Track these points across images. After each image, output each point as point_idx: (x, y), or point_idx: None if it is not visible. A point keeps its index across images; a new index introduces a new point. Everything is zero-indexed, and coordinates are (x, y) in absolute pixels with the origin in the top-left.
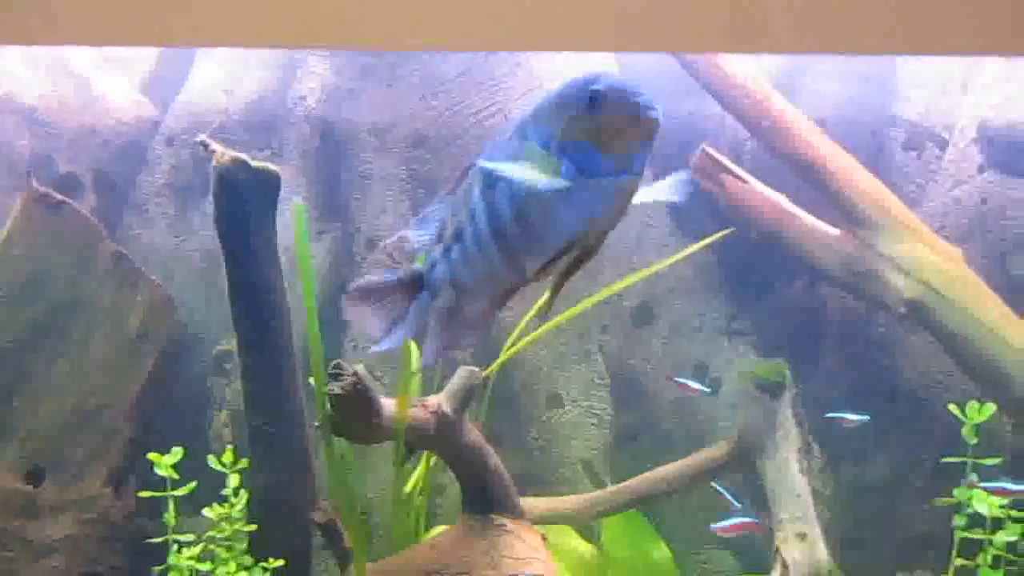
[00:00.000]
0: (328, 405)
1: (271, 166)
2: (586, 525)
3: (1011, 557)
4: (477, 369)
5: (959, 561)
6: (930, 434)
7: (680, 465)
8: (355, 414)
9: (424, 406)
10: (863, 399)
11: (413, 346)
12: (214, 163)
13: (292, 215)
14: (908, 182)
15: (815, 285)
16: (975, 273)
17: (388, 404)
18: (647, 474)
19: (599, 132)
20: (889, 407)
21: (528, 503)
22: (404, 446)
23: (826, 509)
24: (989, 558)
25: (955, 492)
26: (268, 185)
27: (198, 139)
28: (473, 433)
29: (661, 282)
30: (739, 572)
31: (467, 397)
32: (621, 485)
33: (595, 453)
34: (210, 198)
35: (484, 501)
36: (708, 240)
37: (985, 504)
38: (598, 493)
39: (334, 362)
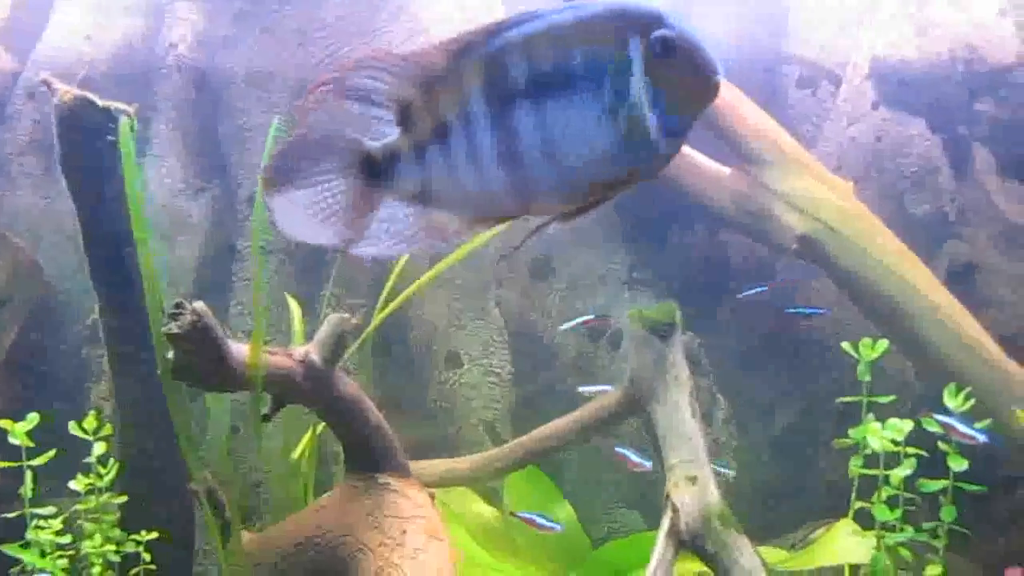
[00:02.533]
0: (170, 351)
1: (122, 105)
2: (489, 488)
3: (908, 495)
4: (348, 315)
5: (859, 504)
6: (836, 380)
7: (574, 416)
8: (197, 356)
9: (289, 355)
10: (767, 345)
11: (293, 303)
12: (55, 102)
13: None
14: (804, 121)
15: (715, 231)
16: (867, 207)
17: (240, 349)
18: (542, 428)
19: (671, 82)
20: (793, 353)
21: (424, 466)
22: (272, 400)
23: (733, 460)
24: (884, 496)
25: (851, 432)
26: (130, 136)
27: (40, 78)
28: (349, 386)
29: (558, 233)
30: (645, 531)
31: (338, 346)
32: (516, 441)
33: (497, 413)
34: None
35: (367, 460)
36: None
37: (878, 439)
38: (494, 451)
39: (175, 300)
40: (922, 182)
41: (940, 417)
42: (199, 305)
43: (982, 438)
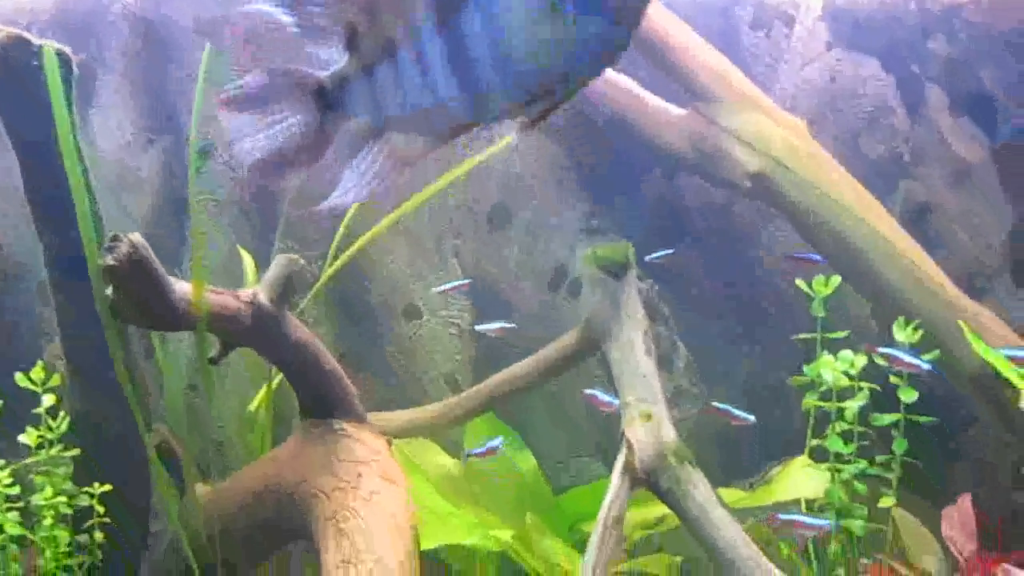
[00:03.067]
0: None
1: (60, 45)
2: (452, 442)
3: (861, 430)
4: (296, 256)
5: (815, 441)
6: (797, 325)
7: (532, 360)
8: (135, 290)
9: (236, 296)
10: (725, 291)
11: (246, 256)
12: None
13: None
14: (758, 63)
15: (672, 177)
16: (822, 147)
17: (182, 287)
18: (500, 373)
19: None
20: (751, 299)
21: (385, 417)
22: (220, 344)
23: (693, 406)
24: (838, 430)
25: (806, 369)
26: (57, 68)
27: None
28: (300, 330)
29: (515, 183)
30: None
31: (287, 287)
32: (475, 388)
33: (457, 364)
34: None
35: (322, 406)
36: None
37: (831, 370)
38: (454, 399)
39: (110, 233)
40: (877, 122)
41: (884, 349)
42: (135, 236)
43: (926, 366)
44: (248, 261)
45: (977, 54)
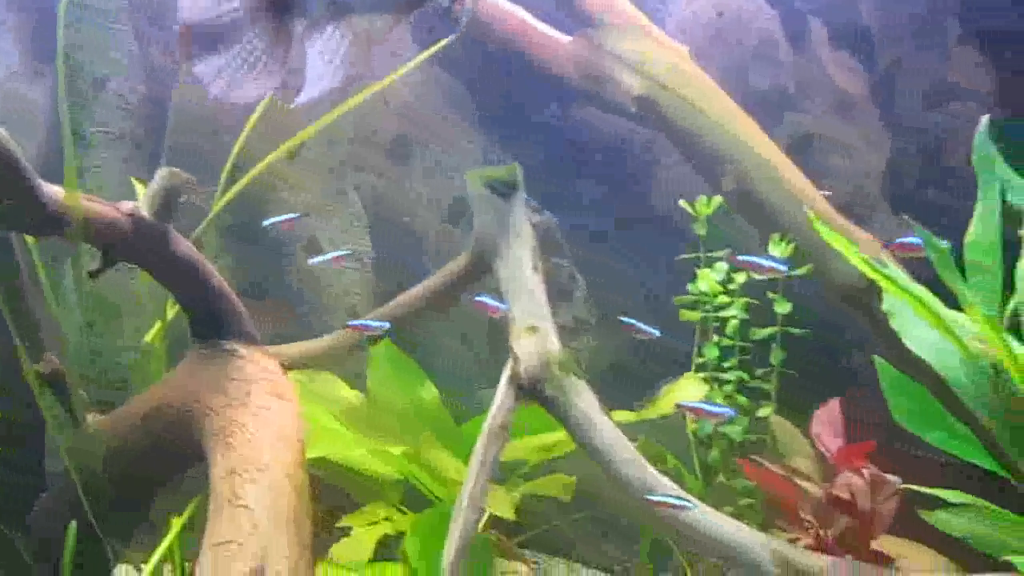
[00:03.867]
0: None
1: None
2: (356, 376)
3: (742, 344)
4: (178, 169)
5: (700, 359)
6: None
7: (425, 283)
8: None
9: (115, 207)
10: (622, 223)
11: (140, 188)
12: None
13: None
14: None
15: (568, 110)
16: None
17: (56, 190)
18: (395, 299)
19: None
20: (647, 230)
21: (280, 350)
22: (101, 256)
23: (591, 338)
24: (715, 340)
25: (689, 287)
26: None
27: None
28: (184, 245)
29: (415, 116)
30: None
31: (168, 200)
32: (370, 314)
33: (359, 299)
34: None
35: (211, 326)
36: (433, 48)
37: (707, 281)
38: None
39: None
40: (762, 56)
41: (744, 257)
42: None
43: (782, 268)
44: (141, 191)
45: None
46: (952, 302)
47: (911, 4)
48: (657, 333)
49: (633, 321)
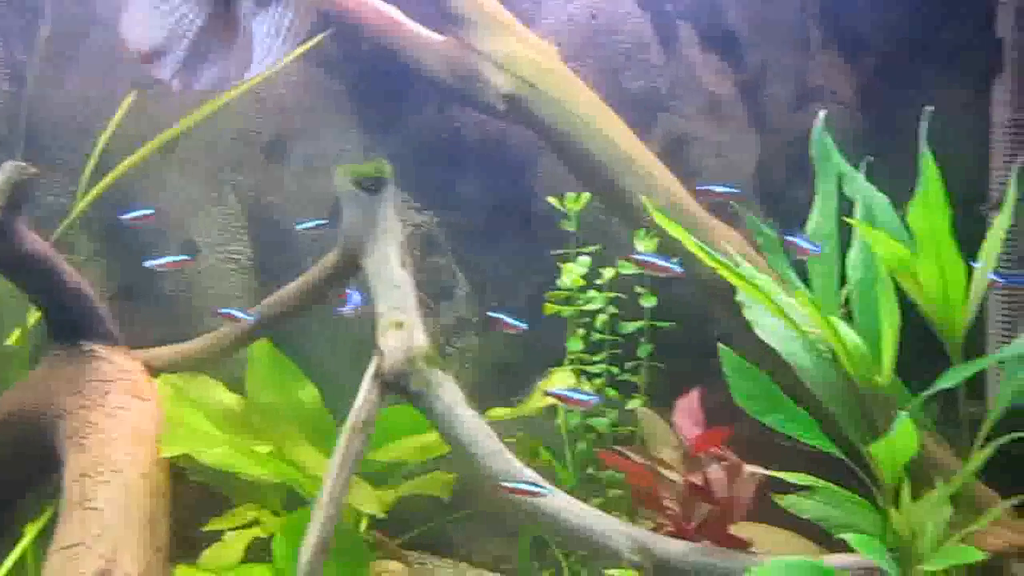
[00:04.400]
0: None
1: None
2: (235, 377)
3: (611, 338)
4: (24, 164)
5: (576, 345)
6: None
7: (297, 282)
8: None
9: None
10: (503, 218)
11: None
12: None
13: None
14: (522, 0)
15: (446, 109)
16: (586, 81)
17: None
18: (267, 299)
19: None
20: (527, 230)
21: (152, 354)
22: None
23: (475, 336)
24: (580, 344)
25: (558, 282)
26: None
27: None
28: (35, 242)
29: (293, 114)
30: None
31: (16, 195)
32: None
33: (239, 302)
34: None
35: (68, 327)
36: (305, 46)
37: (568, 275)
38: (223, 329)
39: None
40: (635, 58)
41: (638, 255)
42: None
43: (678, 269)
44: None
45: None
46: None
47: (776, 9)
48: (524, 326)
49: (500, 315)
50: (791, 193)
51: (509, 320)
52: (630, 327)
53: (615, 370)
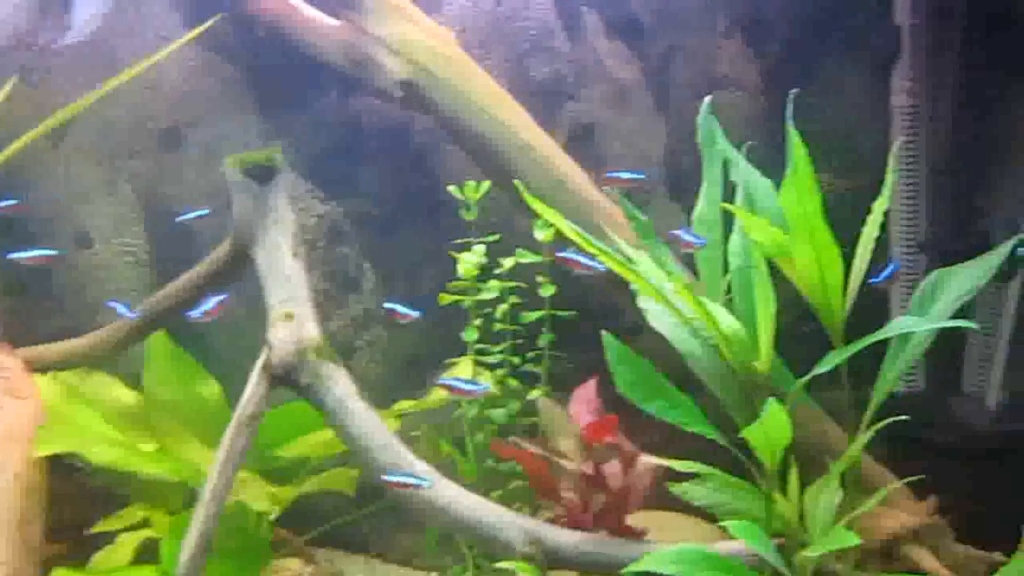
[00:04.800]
0: None
1: None
2: (134, 374)
3: (511, 328)
4: None
5: (472, 336)
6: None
7: (188, 275)
8: None
9: None
10: (408, 208)
11: None
12: None
13: None
14: None
15: (349, 97)
16: (489, 69)
17: None
18: (158, 292)
19: None
20: (435, 218)
21: (41, 351)
22: None
23: (383, 329)
24: (476, 335)
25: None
26: None
27: None
28: None
29: (189, 102)
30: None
31: None
32: (137, 307)
33: (135, 295)
34: None
35: None
36: (198, 29)
37: (464, 265)
38: (115, 324)
39: None
40: (540, 46)
41: (561, 254)
42: None
43: (600, 267)
44: None
45: None
46: None
47: None
48: (416, 314)
49: (395, 306)
50: (700, 179)
51: (402, 310)
52: (531, 317)
53: (516, 360)
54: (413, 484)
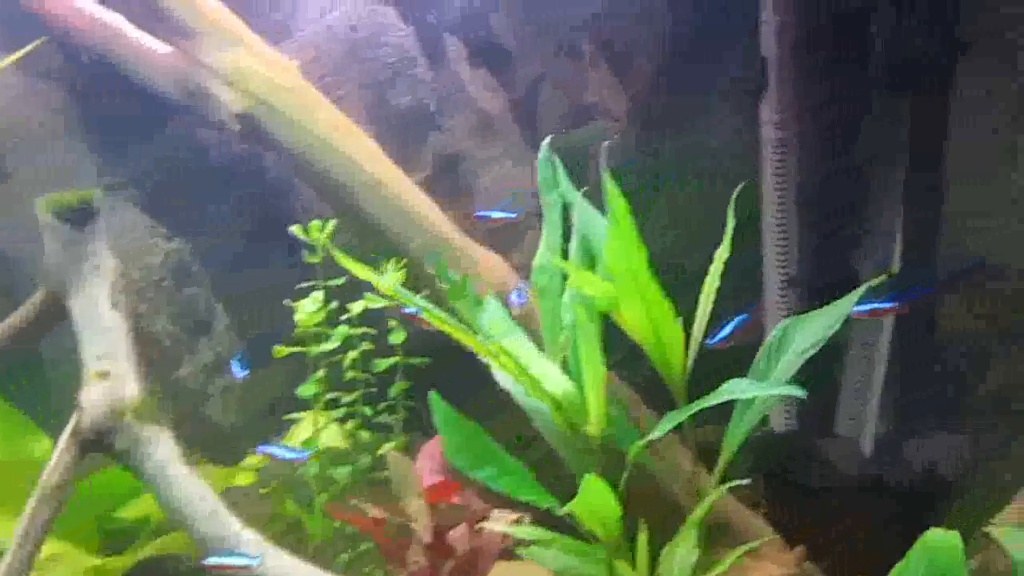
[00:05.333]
0: None
1: None
2: None
3: (363, 376)
4: None
5: (310, 391)
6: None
7: (6, 323)
8: None
9: None
10: (263, 249)
11: None
12: None
13: None
14: (276, 10)
15: (192, 129)
16: (347, 97)
17: None
18: None
19: None
20: (292, 255)
21: None
22: None
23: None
24: (315, 388)
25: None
26: None
27: None
28: None
29: (13, 131)
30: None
31: None
32: None
33: None
34: None
35: None
36: (19, 53)
37: (301, 312)
38: None
39: None
40: (401, 73)
41: (406, 310)
42: None
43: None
44: None
45: (487, 3)
46: None
47: (545, 24)
48: (244, 374)
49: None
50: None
51: (235, 368)
52: (383, 364)
53: (369, 411)
54: (237, 565)
